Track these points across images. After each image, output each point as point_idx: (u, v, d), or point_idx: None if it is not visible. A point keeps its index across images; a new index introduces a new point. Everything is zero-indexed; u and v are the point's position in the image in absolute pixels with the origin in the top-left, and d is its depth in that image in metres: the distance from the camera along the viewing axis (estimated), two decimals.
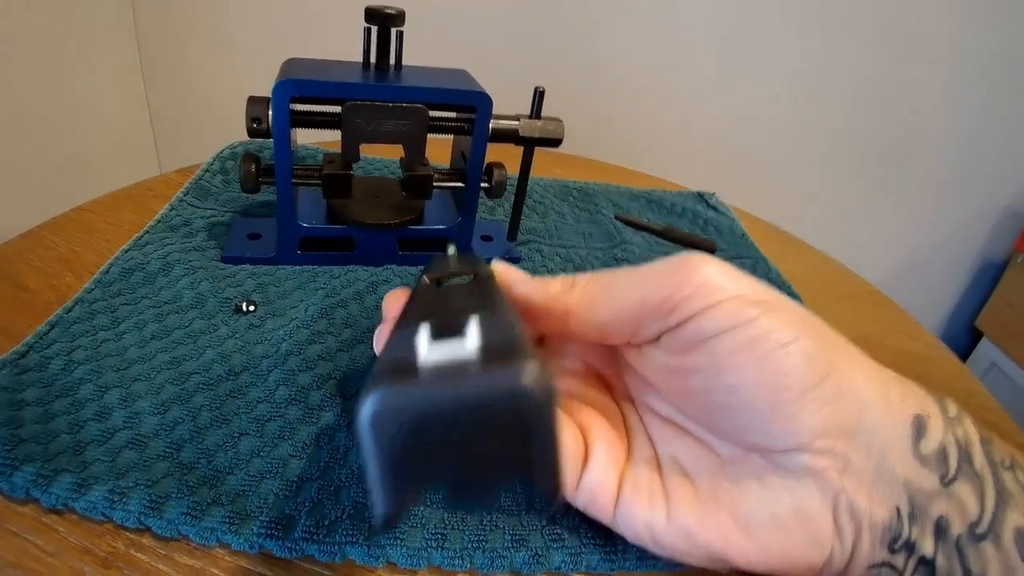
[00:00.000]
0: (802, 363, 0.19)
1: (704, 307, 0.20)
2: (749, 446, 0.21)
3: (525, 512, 0.23)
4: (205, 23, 0.83)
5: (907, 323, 0.44)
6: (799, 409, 0.19)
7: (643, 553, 0.23)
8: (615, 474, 0.22)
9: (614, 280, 0.22)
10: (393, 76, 0.34)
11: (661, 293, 0.20)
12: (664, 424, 0.23)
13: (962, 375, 0.40)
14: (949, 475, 0.19)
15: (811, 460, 0.19)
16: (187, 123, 0.91)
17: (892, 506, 0.19)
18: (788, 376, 0.19)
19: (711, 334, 0.20)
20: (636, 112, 0.89)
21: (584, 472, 0.22)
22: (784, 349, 0.19)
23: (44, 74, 0.74)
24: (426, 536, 0.22)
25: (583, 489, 0.22)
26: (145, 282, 0.34)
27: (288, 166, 0.34)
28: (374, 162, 0.52)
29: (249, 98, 0.33)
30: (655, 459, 0.23)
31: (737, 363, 0.19)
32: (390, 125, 0.33)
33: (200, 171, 0.45)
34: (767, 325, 0.19)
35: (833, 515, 0.20)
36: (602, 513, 0.22)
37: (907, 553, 0.19)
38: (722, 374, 0.20)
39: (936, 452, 0.20)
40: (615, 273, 0.22)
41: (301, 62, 0.34)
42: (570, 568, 0.22)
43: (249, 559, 0.21)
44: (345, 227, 0.37)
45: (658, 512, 0.21)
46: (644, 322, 0.21)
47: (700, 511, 0.21)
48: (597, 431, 0.23)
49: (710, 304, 0.20)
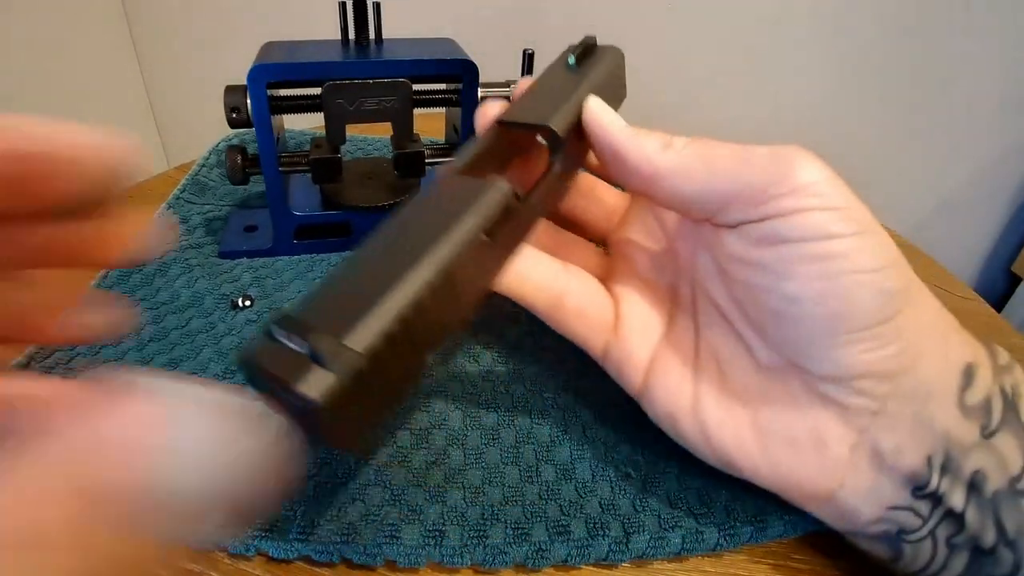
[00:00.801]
0: (874, 298, 0.18)
1: (796, 209, 0.18)
2: (790, 360, 0.20)
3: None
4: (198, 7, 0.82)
5: (939, 273, 0.42)
6: (852, 343, 0.18)
7: (652, 542, 0.22)
8: (646, 349, 0.22)
9: (714, 155, 0.20)
10: (373, 51, 0.33)
11: (760, 182, 0.19)
12: (715, 313, 0.22)
13: (1002, 329, 0.37)
14: (991, 427, 0.18)
15: (846, 396, 0.19)
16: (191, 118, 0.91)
17: (924, 455, 0.18)
18: (854, 306, 0.18)
19: (793, 239, 0.18)
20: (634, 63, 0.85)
21: (613, 339, 0.22)
22: (860, 276, 0.18)
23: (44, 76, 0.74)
24: (423, 533, 0.21)
25: (610, 358, 0.22)
26: (143, 284, 0.33)
27: (273, 154, 0.33)
28: (373, 142, 0.51)
29: (226, 87, 0.31)
30: (695, 346, 0.22)
31: (806, 274, 0.18)
32: (373, 103, 0.32)
33: (196, 166, 0.45)
34: (853, 246, 0.18)
35: (851, 450, 0.19)
36: (629, 386, 0.23)
37: (932, 503, 0.19)
38: (788, 279, 0.18)
39: (981, 403, 0.19)
40: (716, 147, 0.20)
41: (278, 45, 0.33)
42: (577, 561, 0.21)
43: (248, 562, 0.21)
44: (340, 212, 0.36)
45: (683, 402, 0.21)
46: (732, 207, 0.19)
47: (723, 408, 0.21)
48: (632, 302, 0.23)
49: (803, 208, 0.18)
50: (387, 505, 0.22)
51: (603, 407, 0.27)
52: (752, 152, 0.19)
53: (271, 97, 0.31)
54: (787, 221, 0.18)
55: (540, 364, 0.29)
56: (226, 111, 0.31)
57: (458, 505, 0.22)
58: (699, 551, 0.22)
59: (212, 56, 0.85)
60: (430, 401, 0.27)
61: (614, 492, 0.23)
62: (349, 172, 0.35)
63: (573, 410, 0.27)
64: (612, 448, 0.25)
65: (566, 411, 0.27)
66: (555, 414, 0.27)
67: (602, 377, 0.29)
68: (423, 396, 0.27)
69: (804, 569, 0.22)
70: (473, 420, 0.26)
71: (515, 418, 0.26)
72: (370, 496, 0.22)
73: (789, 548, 0.23)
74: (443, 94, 0.35)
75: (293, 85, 0.32)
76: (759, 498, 0.23)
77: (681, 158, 0.20)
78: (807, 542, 0.23)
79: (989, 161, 0.93)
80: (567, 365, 0.29)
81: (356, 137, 0.51)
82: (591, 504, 0.23)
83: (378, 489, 0.23)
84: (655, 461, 0.25)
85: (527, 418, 0.26)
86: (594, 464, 0.24)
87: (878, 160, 0.93)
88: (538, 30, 0.81)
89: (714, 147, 0.20)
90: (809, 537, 0.23)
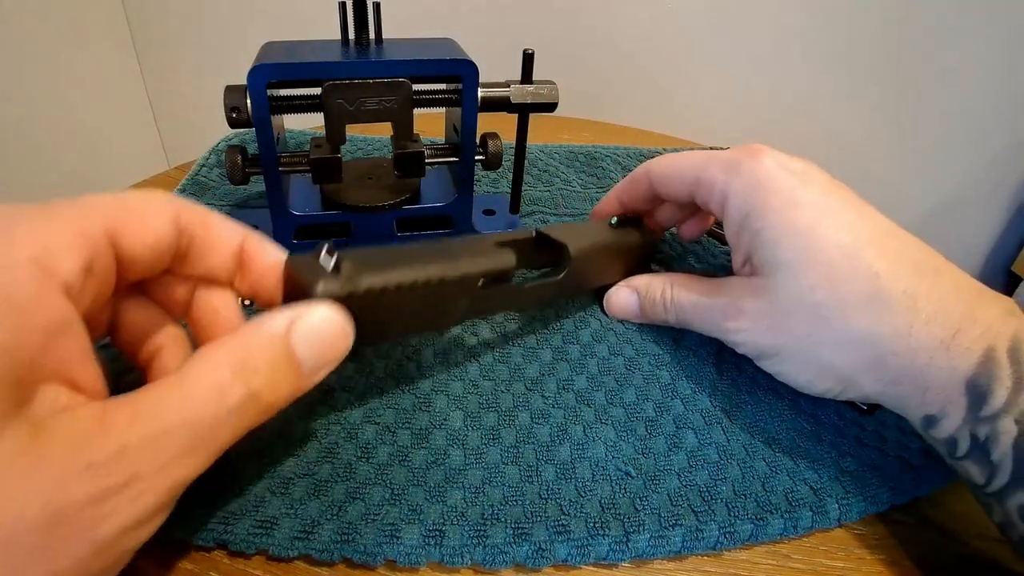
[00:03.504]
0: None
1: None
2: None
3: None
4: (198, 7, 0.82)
5: None
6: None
7: (652, 541, 0.22)
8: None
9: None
10: (373, 51, 0.33)
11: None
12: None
13: None
14: None
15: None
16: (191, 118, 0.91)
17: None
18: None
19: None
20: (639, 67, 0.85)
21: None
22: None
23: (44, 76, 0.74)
24: (423, 533, 0.21)
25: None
26: None
27: (273, 154, 0.33)
28: (373, 142, 0.51)
29: (226, 87, 0.31)
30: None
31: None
32: (373, 103, 0.32)
33: (196, 166, 0.45)
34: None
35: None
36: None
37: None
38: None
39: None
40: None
41: (278, 45, 0.33)
42: (577, 560, 0.21)
43: (248, 561, 0.21)
44: (340, 212, 0.36)
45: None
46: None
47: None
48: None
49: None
50: (387, 505, 0.22)
51: (603, 407, 0.27)
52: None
53: (271, 97, 0.31)
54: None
55: (540, 364, 0.29)
56: (226, 111, 0.31)
57: (458, 505, 0.22)
58: (699, 550, 0.22)
59: (212, 56, 0.85)
60: (430, 401, 0.27)
61: (614, 492, 0.23)
62: (349, 172, 0.35)
63: (573, 410, 0.27)
64: (612, 448, 0.25)
65: (566, 411, 0.27)
66: (555, 414, 0.27)
67: (603, 377, 0.29)
68: (423, 396, 0.27)
69: (804, 569, 0.22)
70: (473, 420, 0.26)
71: (515, 418, 0.26)
72: (370, 496, 0.22)
73: (789, 548, 0.23)
74: (443, 94, 0.35)
75: (293, 85, 0.32)
76: (760, 497, 0.23)
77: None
78: (807, 542, 0.23)
79: (989, 161, 0.93)
80: (567, 365, 0.29)
81: (356, 137, 0.51)
82: (591, 504, 0.23)
83: (378, 489, 0.23)
84: (655, 460, 0.25)
85: (527, 418, 0.26)
86: (594, 464, 0.24)
87: (878, 160, 0.93)
88: (538, 30, 0.81)
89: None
90: (809, 537, 0.24)
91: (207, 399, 0.16)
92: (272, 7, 0.82)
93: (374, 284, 0.21)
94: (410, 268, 0.22)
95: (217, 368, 0.17)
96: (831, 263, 0.23)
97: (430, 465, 0.24)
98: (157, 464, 0.16)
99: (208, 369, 0.17)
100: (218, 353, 0.17)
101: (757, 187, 0.26)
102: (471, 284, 0.25)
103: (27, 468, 0.14)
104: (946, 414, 0.21)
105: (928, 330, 0.21)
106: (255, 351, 0.18)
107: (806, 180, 0.25)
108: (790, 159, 0.26)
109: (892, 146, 0.92)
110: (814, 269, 0.23)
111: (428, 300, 0.23)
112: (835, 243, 0.23)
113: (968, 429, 0.21)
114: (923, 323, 0.22)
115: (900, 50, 0.84)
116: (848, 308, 0.23)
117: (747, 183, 0.26)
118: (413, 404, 0.26)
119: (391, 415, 0.26)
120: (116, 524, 0.15)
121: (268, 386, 0.18)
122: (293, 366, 0.19)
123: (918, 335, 0.22)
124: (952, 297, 0.22)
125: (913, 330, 0.22)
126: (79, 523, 0.14)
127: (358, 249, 0.22)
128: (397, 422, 0.25)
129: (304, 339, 0.19)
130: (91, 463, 0.14)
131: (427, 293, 0.23)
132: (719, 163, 0.27)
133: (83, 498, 0.14)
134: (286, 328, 0.18)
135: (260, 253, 0.22)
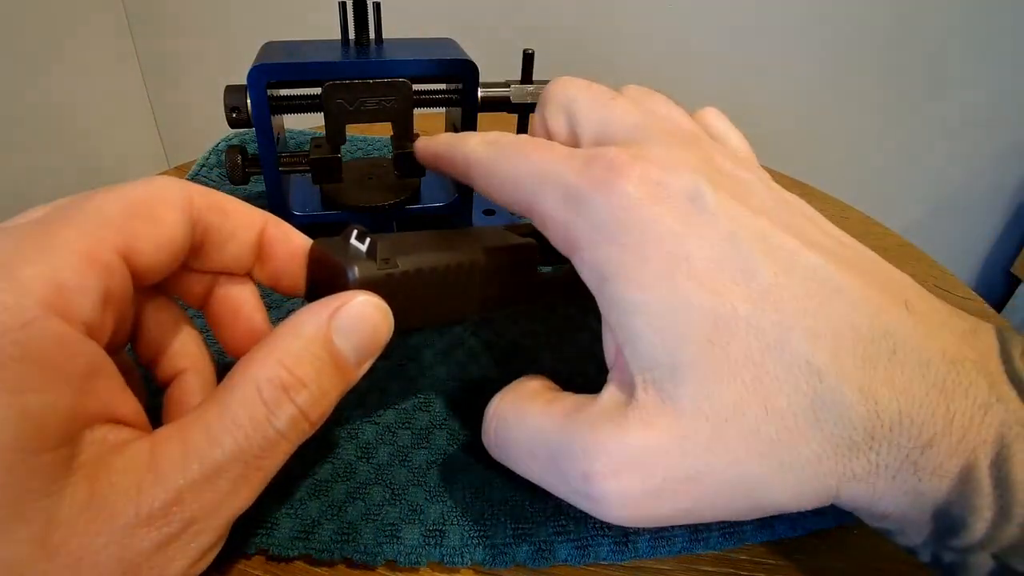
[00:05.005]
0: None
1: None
2: None
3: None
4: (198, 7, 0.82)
5: (939, 274, 0.42)
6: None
7: (654, 541, 0.22)
8: None
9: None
10: (373, 51, 0.33)
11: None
12: None
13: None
14: None
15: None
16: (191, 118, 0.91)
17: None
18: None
19: None
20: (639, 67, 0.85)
21: None
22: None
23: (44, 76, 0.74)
24: (423, 532, 0.21)
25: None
26: None
27: (273, 155, 0.33)
28: (373, 142, 0.51)
29: (226, 87, 0.31)
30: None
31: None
32: (373, 103, 0.32)
33: (196, 166, 0.45)
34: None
35: None
36: None
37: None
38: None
39: None
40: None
41: (278, 45, 0.33)
42: (578, 561, 0.21)
43: (248, 561, 0.21)
44: (340, 212, 0.36)
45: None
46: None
47: None
48: None
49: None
50: (387, 504, 0.22)
51: None
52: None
53: (271, 97, 0.31)
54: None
55: (540, 364, 0.29)
56: (226, 111, 0.31)
57: (458, 504, 0.22)
58: (700, 550, 0.22)
59: (212, 56, 0.85)
60: (430, 401, 0.27)
61: None
62: (349, 172, 0.35)
63: None
64: None
65: None
66: None
67: (602, 376, 0.29)
68: (423, 396, 0.27)
69: (804, 569, 0.22)
70: (474, 419, 0.26)
71: None
72: (370, 495, 0.22)
73: (790, 548, 0.23)
74: (443, 94, 0.35)
75: (293, 85, 0.33)
76: None
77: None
78: (807, 542, 0.23)
79: (989, 161, 0.93)
80: (567, 365, 0.29)
81: (356, 137, 0.51)
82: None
83: (378, 488, 0.23)
84: None
85: None
86: None
87: (878, 160, 0.93)
88: (538, 30, 0.81)
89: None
90: (809, 537, 0.24)
91: (256, 426, 0.16)
92: (272, 7, 0.82)
93: (410, 267, 0.20)
94: (441, 252, 0.22)
95: (261, 389, 0.16)
96: (753, 362, 0.16)
97: (430, 465, 0.24)
98: (213, 504, 0.15)
99: (252, 392, 0.16)
100: (260, 372, 0.16)
101: (616, 234, 0.17)
102: (499, 267, 0.24)
103: (92, 525, 0.14)
104: (903, 533, 0.17)
105: (889, 450, 0.16)
106: (298, 362, 0.17)
107: (698, 210, 0.17)
108: (670, 170, 0.17)
109: (892, 146, 0.92)
110: (732, 375, 0.16)
111: (457, 286, 0.23)
112: (755, 326, 0.16)
113: (931, 550, 0.17)
114: (884, 436, 0.16)
115: (900, 50, 0.84)
116: (790, 431, 0.16)
117: (597, 229, 0.17)
118: (413, 404, 0.26)
119: (391, 415, 0.26)
120: (181, 566, 0.15)
121: (316, 396, 0.17)
122: (339, 366, 0.18)
123: (878, 457, 0.16)
124: (917, 386, 0.16)
125: (872, 452, 0.16)
126: (149, 571, 0.15)
127: (384, 235, 0.21)
128: (397, 422, 0.25)
129: (346, 334, 0.17)
130: (151, 513, 0.15)
131: (458, 277, 0.22)
132: (557, 188, 0.18)
133: (149, 547, 0.15)
134: (326, 327, 0.17)
135: (283, 239, 0.21)
